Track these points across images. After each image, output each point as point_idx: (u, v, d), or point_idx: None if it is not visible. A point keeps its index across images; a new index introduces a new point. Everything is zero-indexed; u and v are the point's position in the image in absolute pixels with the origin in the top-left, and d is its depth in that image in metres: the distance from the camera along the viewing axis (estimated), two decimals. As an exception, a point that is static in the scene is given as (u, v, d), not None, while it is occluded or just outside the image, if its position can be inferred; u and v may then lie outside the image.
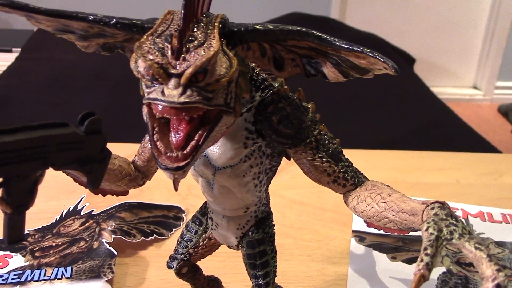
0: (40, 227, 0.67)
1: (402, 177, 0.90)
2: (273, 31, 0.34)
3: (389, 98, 1.58)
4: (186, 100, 0.31)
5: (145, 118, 0.34)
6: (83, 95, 1.45)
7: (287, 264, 0.64)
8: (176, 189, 0.40)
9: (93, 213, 0.70)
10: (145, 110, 0.34)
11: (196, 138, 0.33)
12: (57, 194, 0.77)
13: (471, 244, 0.29)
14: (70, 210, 0.71)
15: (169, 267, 0.49)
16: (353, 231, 0.71)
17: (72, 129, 0.35)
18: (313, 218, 0.74)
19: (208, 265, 0.58)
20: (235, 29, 0.34)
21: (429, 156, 0.98)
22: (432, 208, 0.32)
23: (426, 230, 0.30)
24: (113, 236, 0.64)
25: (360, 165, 0.93)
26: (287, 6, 2.46)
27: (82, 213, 0.70)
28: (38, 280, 0.57)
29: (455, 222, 0.31)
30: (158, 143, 0.33)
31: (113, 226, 0.65)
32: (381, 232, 0.70)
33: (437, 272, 0.63)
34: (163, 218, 0.70)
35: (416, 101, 1.58)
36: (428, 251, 0.28)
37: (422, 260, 0.28)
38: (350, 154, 0.97)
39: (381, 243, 0.68)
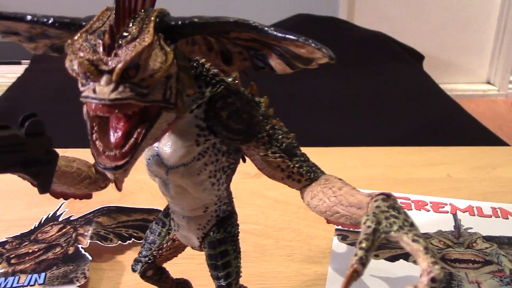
0: (19, 234, 0.67)
1: (392, 174, 0.88)
2: (211, 23, 0.33)
3: (397, 95, 1.58)
4: (118, 97, 0.30)
5: (84, 117, 0.33)
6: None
7: (266, 265, 0.63)
8: (119, 189, 0.39)
9: (71, 218, 0.69)
10: (84, 109, 0.33)
11: (135, 136, 0.32)
12: (40, 200, 0.76)
13: (409, 236, 0.28)
14: (49, 216, 0.70)
15: (134, 270, 0.48)
16: (336, 230, 0.69)
17: (12, 131, 0.35)
18: (296, 218, 0.73)
19: (185, 268, 0.57)
20: (173, 23, 0.33)
21: (421, 152, 0.97)
22: (376, 201, 0.31)
23: (364, 223, 0.29)
24: (89, 241, 0.63)
25: (350, 162, 0.92)
26: (295, 7, 2.45)
27: (60, 219, 0.69)
28: (11, 287, 0.56)
29: (396, 214, 0.30)
30: (97, 142, 0.32)
31: (90, 231, 0.65)
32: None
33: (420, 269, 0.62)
34: (142, 222, 0.69)
35: (425, 98, 1.57)
36: (363, 245, 0.27)
37: (356, 255, 0.27)
38: (340, 151, 0.97)
39: (363, 241, 0.66)
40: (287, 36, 0.31)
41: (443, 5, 2.90)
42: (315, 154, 0.43)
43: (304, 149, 0.42)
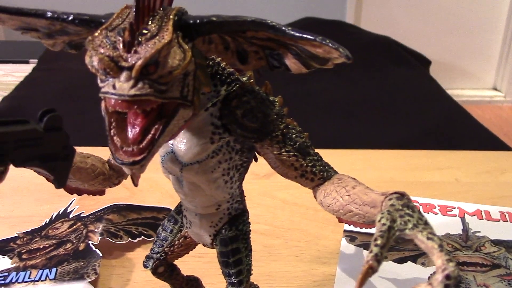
0: (30, 230, 0.68)
1: (400, 177, 0.88)
2: (228, 22, 0.33)
3: (404, 99, 1.58)
4: (137, 93, 0.30)
5: (103, 113, 0.34)
6: (99, 104, 1.46)
7: (274, 264, 0.63)
8: (135, 185, 0.39)
9: (82, 215, 0.70)
10: (103, 105, 0.34)
11: (152, 132, 0.32)
12: (51, 197, 0.77)
13: (423, 234, 0.28)
14: (60, 213, 0.71)
15: (145, 267, 0.48)
16: (345, 231, 0.69)
17: (31, 126, 0.35)
18: (304, 219, 0.73)
19: (194, 266, 0.57)
20: (191, 21, 0.33)
21: (429, 155, 0.97)
22: (390, 199, 0.31)
23: (379, 220, 0.29)
24: (99, 238, 0.64)
25: (359, 165, 0.93)
26: (302, 11, 2.46)
27: (71, 216, 0.70)
28: (23, 281, 0.57)
29: (410, 213, 0.30)
30: (115, 138, 0.33)
31: (100, 228, 0.65)
32: (373, 230, 0.69)
33: (428, 271, 0.62)
34: (152, 220, 0.70)
35: (430, 103, 1.57)
36: (378, 242, 0.28)
37: (371, 251, 0.27)
38: (349, 154, 0.97)
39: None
40: (304, 35, 0.31)
41: (450, 11, 2.90)
42: (323, 156, 0.44)
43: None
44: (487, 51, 3.05)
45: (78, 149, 0.46)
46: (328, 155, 0.47)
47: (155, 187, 0.81)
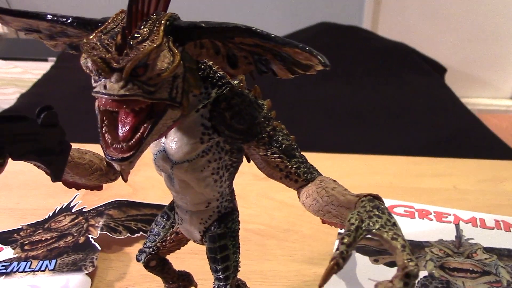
0: (33, 222, 0.70)
1: (399, 182, 0.89)
2: (216, 28, 0.35)
3: (416, 106, 1.58)
4: (126, 93, 0.32)
5: (96, 111, 0.36)
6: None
7: (267, 263, 0.65)
8: (125, 180, 0.41)
9: (83, 210, 0.72)
10: (96, 104, 0.36)
11: (141, 131, 0.34)
12: (56, 192, 0.80)
13: (389, 234, 0.29)
14: (63, 207, 0.74)
15: (138, 260, 0.50)
16: (339, 234, 0.71)
17: (29, 122, 0.38)
18: (300, 220, 0.75)
19: (189, 263, 0.59)
20: (181, 26, 0.35)
21: (429, 162, 0.98)
22: (362, 201, 0.33)
23: (349, 220, 0.31)
24: (99, 232, 0.66)
25: (358, 170, 0.94)
26: (319, 15, 2.47)
27: (73, 210, 0.72)
28: (23, 271, 0.59)
29: (380, 214, 0.31)
30: (106, 135, 0.35)
31: (100, 223, 0.68)
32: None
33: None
34: (151, 217, 0.71)
35: (443, 110, 1.57)
36: (345, 240, 0.29)
37: (338, 249, 0.29)
38: (351, 158, 0.98)
39: (365, 246, 0.68)
40: (287, 42, 0.33)
41: (468, 18, 2.88)
42: (326, 159, 0.45)
43: (317, 155, 0.44)
44: (505, 60, 3.02)
45: (91, 145, 0.48)
46: (331, 159, 0.49)
47: (157, 186, 0.83)
